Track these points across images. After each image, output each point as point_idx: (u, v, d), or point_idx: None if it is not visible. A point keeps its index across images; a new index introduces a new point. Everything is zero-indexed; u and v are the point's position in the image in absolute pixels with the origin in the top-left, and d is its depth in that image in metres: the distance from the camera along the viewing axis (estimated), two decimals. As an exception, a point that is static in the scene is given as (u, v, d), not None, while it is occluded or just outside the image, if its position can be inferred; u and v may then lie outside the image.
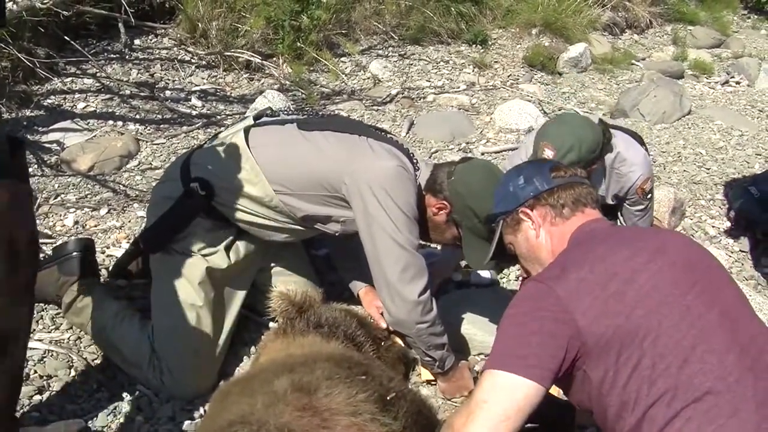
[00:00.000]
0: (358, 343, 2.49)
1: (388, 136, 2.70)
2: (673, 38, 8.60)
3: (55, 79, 4.84)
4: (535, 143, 3.04)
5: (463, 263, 3.36)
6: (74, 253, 2.78)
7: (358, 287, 2.92)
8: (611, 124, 3.34)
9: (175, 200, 2.62)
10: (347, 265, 2.99)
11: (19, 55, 4.38)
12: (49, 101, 4.66)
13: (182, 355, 2.55)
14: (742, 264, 3.96)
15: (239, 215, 2.62)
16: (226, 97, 5.25)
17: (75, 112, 4.64)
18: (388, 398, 2.01)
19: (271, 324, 2.90)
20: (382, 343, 2.64)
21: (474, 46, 6.91)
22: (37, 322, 2.78)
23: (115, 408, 2.52)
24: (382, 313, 2.72)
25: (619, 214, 3.51)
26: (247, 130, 2.65)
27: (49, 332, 2.77)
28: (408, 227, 2.46)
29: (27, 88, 4.59)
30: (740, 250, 4.10)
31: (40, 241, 2.84)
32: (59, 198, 3.78)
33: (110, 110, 4.74)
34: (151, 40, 5.66)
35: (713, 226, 4.31)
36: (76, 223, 3.54)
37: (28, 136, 4.28)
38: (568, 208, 2.02)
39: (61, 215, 3.60)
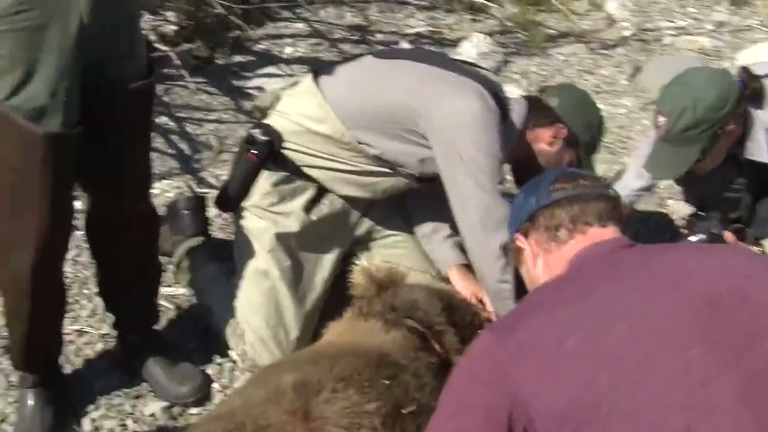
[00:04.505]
0: (438, 332, 2.24)
1: (476, 69, 2.51)
2: None
3: (268, 23, 4.92)
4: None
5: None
6: (184, 212, 2.78)
7: (447, 265, 2.63)
8: None
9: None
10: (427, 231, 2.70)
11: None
12: (259, 47, 4.73)
13: (258, 328, 2.44)
14: None
15: (308, 160, 2.48)
16: (441, 40, 5.02)
17: (282, 57, 4.67)
18: (404, 411, 1.79)
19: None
20: (479, 332, 2.36)
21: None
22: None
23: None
24: (480, 300, 2.45)
25: None
26: (318, 72, 2.52)
27: (169, 286, 2.78)
28: (491, 171, 2.26)
29: (240, 33, 4.69)
30: None
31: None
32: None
33: (317, 55, 4.73)
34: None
35: None
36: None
37: (233, 82, 4.39)
38: (564, 229, 1.59)
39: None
